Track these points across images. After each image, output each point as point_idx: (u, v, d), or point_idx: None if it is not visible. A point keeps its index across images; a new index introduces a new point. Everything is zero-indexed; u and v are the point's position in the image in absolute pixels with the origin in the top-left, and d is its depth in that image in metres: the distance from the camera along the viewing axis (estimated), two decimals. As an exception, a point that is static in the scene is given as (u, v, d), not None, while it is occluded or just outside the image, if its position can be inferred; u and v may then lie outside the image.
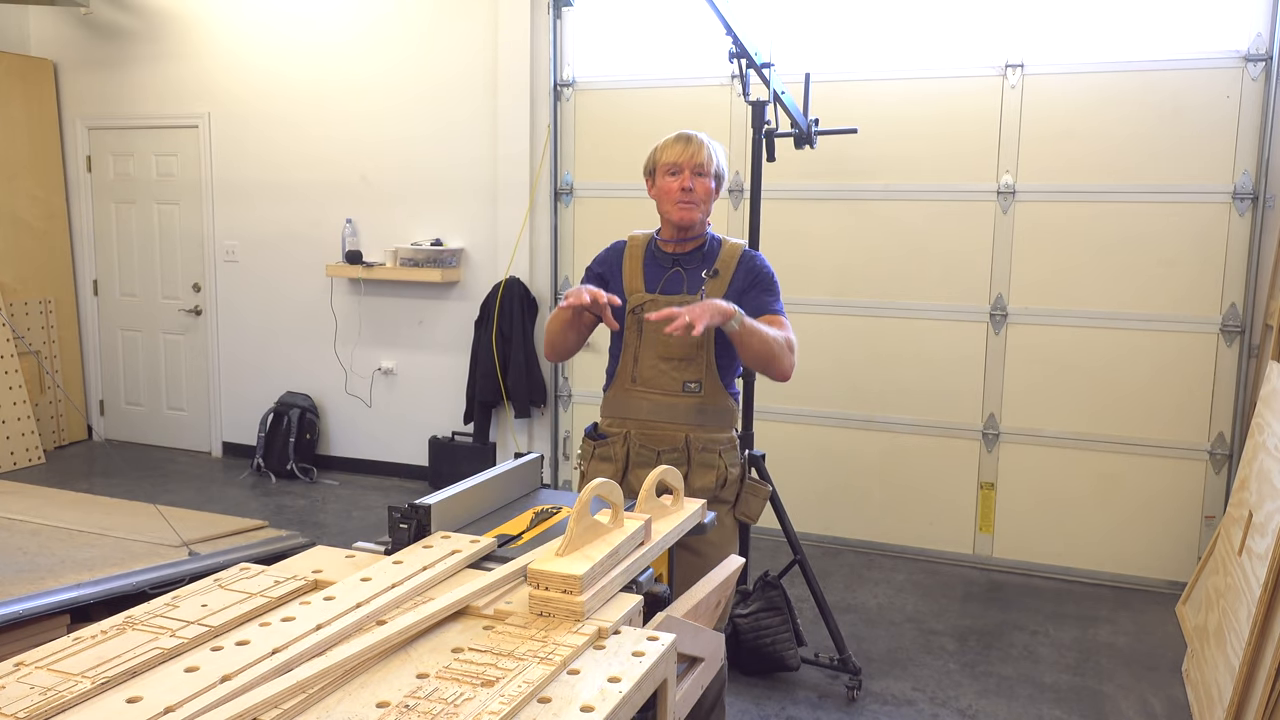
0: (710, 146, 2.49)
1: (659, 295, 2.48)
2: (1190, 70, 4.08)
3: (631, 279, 2.54)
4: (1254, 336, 4.08)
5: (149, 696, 1.18)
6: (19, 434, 5.89)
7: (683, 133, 2.51)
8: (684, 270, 2.51)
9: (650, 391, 2.50)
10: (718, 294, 2.45)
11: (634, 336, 2.51)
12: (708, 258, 2.52)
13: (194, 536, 3.56)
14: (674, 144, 2.49)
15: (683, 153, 2.46)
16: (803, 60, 4.37)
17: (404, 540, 1.77)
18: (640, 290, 2.51)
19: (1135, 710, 3.25)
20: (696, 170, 2.45)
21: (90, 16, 6.18)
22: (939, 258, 4.53)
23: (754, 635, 3.35)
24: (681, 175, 2.45)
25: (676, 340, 2.43)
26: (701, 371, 2.48)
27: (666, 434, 2.48)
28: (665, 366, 2.48)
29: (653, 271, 2.53)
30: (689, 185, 2.45)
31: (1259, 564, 2.85)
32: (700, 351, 2.47)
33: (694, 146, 2.46)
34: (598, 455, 2.54)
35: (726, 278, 2.49)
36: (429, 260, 5.47)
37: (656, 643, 1.39)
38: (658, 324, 2.35)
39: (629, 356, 2.52)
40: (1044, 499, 4.48)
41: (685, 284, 2.49)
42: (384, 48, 5.54)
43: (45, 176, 6.34)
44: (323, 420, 5.99)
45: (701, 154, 2.46)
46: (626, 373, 2.53)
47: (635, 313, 2.49)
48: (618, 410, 2.55)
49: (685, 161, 2.45)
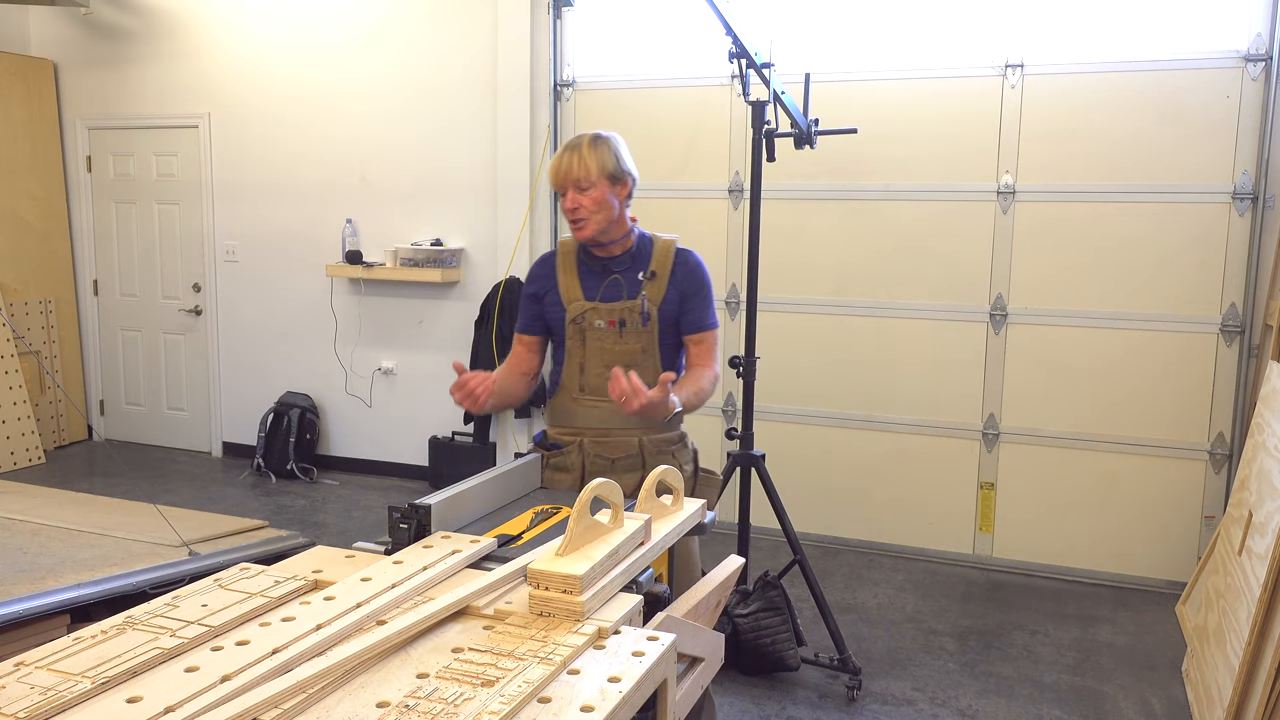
0: (596, 148, 2.38)
1: (600, 303, 2.46)
2: (1190, 70, 4.08)
3: (569, 289, 2.50)
4: (1254, 336, 4.08)
5: (149, 696, 1.17)
6: (19, 434, 5.89)
7: (567, 143, 2.41)
8: (620, 275, 2.48)
9: (600, 400, 2.47)
10: (657, 295, 2.45)
11: (578, 346, 2.49)
12: (639, 259, 2.49)
13: (194, 536, 3.56)
14: (555, 162, 2.40)
15: (558, 172, 2.38)
16: (803, 60, 4.38)
17: (404, 540, 1.77)
18: (580, 299, 2.48)
19: (1135, 710, 3.25)
20: (578, 186, 2.36)
21: (90, 16, 6.18)
22: (939, 258, 4.53)
23: (754, 635, 3.35)
24: (566, 195, 2.39)
25: (623, 348, 2.44)
26: (649, 375, 2.45)
27: (620, 441, 2.46)
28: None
29: (589, 279, 2.50)
30: (573, 205, 2.37)
31: (1259, 564, 2.85)
32: (646, 356, 2.46)
33: (569, 159, 2.37)
34: (552, 465, 2.50)
35: (664, 278, 2.47)
36: (429, 260, 5.47)
37: (656, 643, 1.39)
38: (602, 333, 2.42)
39: (574, 366, 2.50)
40: (1044, 499, 4.48)
41: (624, 289, 2.46)
42: (384, 48, 5.54)
43: (45, 176, 6.34)
44: (323, 420, 5.99)
45: (577, 168, 2.36)
46: (574, 382, 2.51)
47: (577, 322, 2.47)
48: (568, 420, 2.53)
49: (563, 181, 2.38)
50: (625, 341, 2.45)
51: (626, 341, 2.45)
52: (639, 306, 2.43)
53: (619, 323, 2.44)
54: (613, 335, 2.45)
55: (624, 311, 2.44)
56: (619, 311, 2.44)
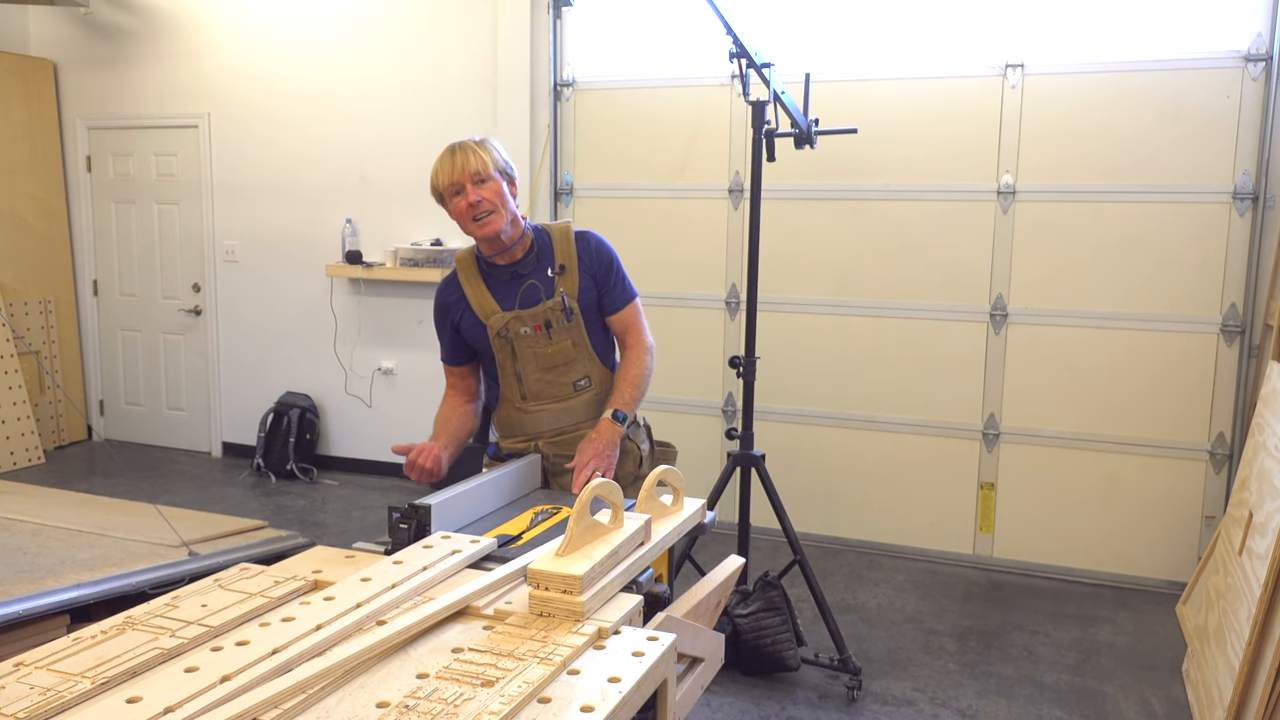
0: (483, 146, 2.37)
1: (522, 310, 2.42)
2: (1190, 70, 4.08)
3: (481, 303, 2.46)
4: (1254, 336, 4.08)
5: (149, 696, 1.17)
6: (19, 434, 5.89)
7: (450, 146, 2.38)
8: (531, 278, 2.44)
9: (545, 404, 2.47)
10: (573, 288, 2.44)
11: (508, 359, 2.46)
12: (543, 255, 2.46)
13: (194, 536, 3.56)
14: (442, 162, 2.36)
15: (453, 170, 2.33)
16: (803, 60, 4.37)
17: (404, 540, 1.77)
18: (497, 311, 2.44)
19: (1135, 710, 3.25)
20: (475, 179, 2.32)
21: (90, 16, 6.18)
22: (939, 257, 4.53)
23: (754, 635, 3.35)
24: (465, 192, 2.33)
25: (554, 349, 2.43)
26: (587, 366, 2.47)
27: (575, 437, 2.45)
28: (551, 376, 2.46)
29: (500, 289, 2.46)
30: (475, 198, 2.32)
31: (1259, 564, 2.85)
32: (578, 350, 2.46)
33: (461, 157, 2.34)
34: None
35: (573, 268, 2.45)
36: (429, 260, 5.47)
37: (656, 643, 1.39)
38: (530, 339, 2.41)
39: (510, 378, 2.48)
40: (1044, 499, 4.48)
41: (541, 291, 2.43)
42: (384, 48, 5.54)
43: (45, 176, 6.34)
44: (323, 420, 5.99)
45: (473, 161, 2.33)
46: (514, 393, 2.49)
47: (502, 335, 2.44)
48: (517, 429, 2.51)
49: (460, 177, 2.32)
50: (555, 342, 2.44)
51: (556, 341, 2.44)
52: (560, 304, 2.42)
53: (545, 325, 2.42)
54: (541, 339, 2.43)
55: (547, 313, 2.42)
56: (542, 314, 2.42)
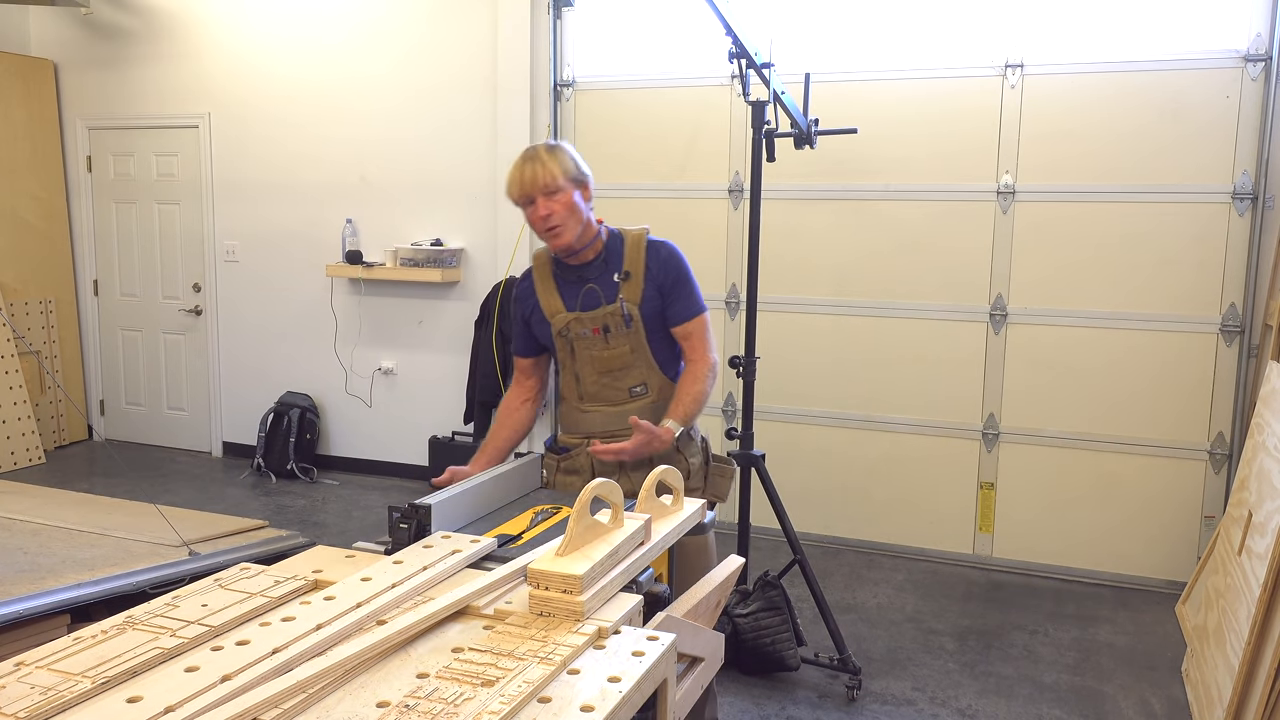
0: (554, 155, 2.39)
1: (581, 313, 2.48)
2: (1190, 70, 4.08)
3: (549, 302, 2.53)
4: (1254, 336, 4.08)
5: (149, 696, 1.17)
6: (19, 434, 5.89)
7: (523, 153, 2.41)
8: (594, 282, 2.48)
9: (600, 406, 2.52)
10: (635, 295, 2.46)
11: (568, 358, 2.53)
12: (611, 260, 2.50)
13: (194, 536, 3.56)
14: (514, 173, 2.40)
15: (523, 181, 2.37)
16: (803, 60, 4.37)
17: (404, 540, 1.77)
18: (561, 311, 2.51)
19: (1135, 710, 3.25)
20: (546, 192, 2.36)
21: (90, 16, 6.18)
22: (939, 258, 4.53)
23: (754, 635, 3.35)
24: (535, 204, 2.37)
25: (611, 353, 2.46)
26: (644, 374, 2.51)
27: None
28: (607, 379, 2.51)
29: (567, 289, 2.51)
30: (545, 212, 2.37)
31: (1259, 564, 2.85)
32: (636, 356, 2.49)
33: (531, 168, 2.37)
34: (563, 468, 2.55)
35: (639, 275, 2.47)
36: (429, 260, 5.47)
37: (656, 643, 1.39)
38: (589, 341, 2.44)
39: (570, 377, 2.55)
40: (1044, 499, 4.48)
41: (602, 296, 2.47)
42: (384, 48, 5.54)
43: (45, 176, 6.34)
44: (323, 420, 5.99)
45: (541, 174, 2.36)
46: (572, 392, 2.56)
47: (563, 335, 2.50)
48: (574, 427, 2.58)
49: (530, 189, 2.37)
50: (612, 346, 2.48)
51: (613, 346, 2.47)
52: (619, 310, 2.45)
53: (603, 329, 2.46)
54: (599, 342, 2.48)
55: (605, 317, 2.46)
56: (601, 318, 2.46)
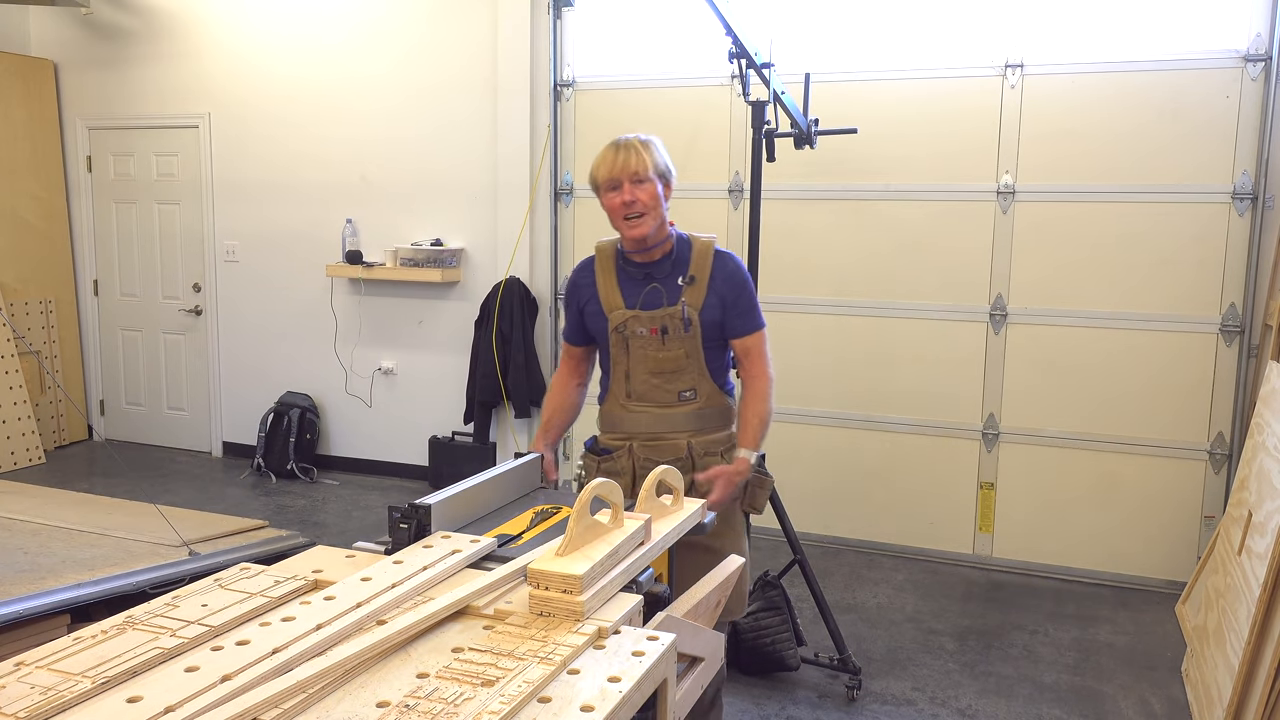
0: (646, 147, 2.38)
1: (640, 311, 2.45)
2: (1190, 70, 4.08)
3: (609, 296, 2.49)
4: (1254, 336, 4.08)
5: (149, 696, 1.18)
6: (19, 434, 5.89)
7: (614, 141, 2.40)
8: (659, 282, 2.46)
9: (648, 406, 2.49)
10: (697, 300, 2.44)
11: (622, 354, 2.49)
12: (678, 263, 2.47)
13: (194, 536, 3.56)
14: (606, 156, 2.38)
15: (614, 165, 2.35)
16: (803, 60, 4.37)
17: (404, 540, 1.77)
18: (620, 307, 2.48)
19: (1135, 710, 3.25)
20: (634, 179, 2.34)
21: (90, 16, 6.18)
22: (939, 258, 4.53)
23: (754, 635, 3.35)
24: (621, 189, 2.35)
25: (666, 355, 2.44)
26: (695, 379, 2.48)
27: (669, 444, 2.48)
28: (658, 380, 2.48)
29: (629, 286, 2.49)
30: (630, 198, 2.34)
31: (1259, 564, 2.85)
32: (690, 361, 2.47)
33: (624, 154, 2.35)
34: (603, 470, 2.53)
35: (703, 282, 2.45)
36: (429, 260, 5.47)
37: (656, 643, 1.39)
38: (645, 340, 2.43)
39: (620, 374, 2.51)
40: (1044, 499, 4.48)
41: (664, 296, 2.45)
42: (384, 48, 5.54)
43: (45, 176, 6.34)
44: (323, 420, 5.99)
45: (634, 161, 2.34)
46: (620, 389, 2.52)
47: (619, 331, 2.47)
48: (617, 425, 2.55)
49: (620, 174, 2.34)
50: (668, 349, 2.45)
51: (669, 348, 2.45)
52: (679, 313, 2.42)
53: (661, 330, 2.43)
54: (655, 343, 2.45)
55: (665, 319, 2.43)
56: (660, 319, 2.43)
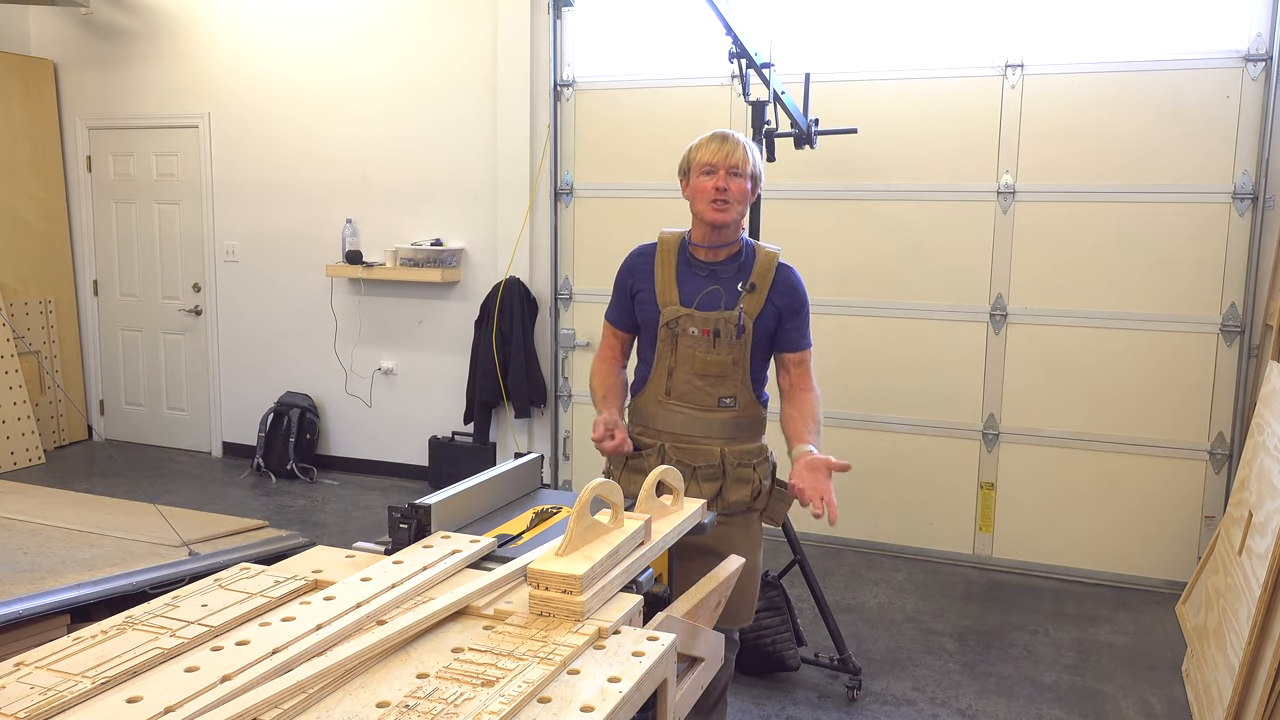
0: (747, 146, 2.40)
1: (696, 310, 2.41)
2: (1190, 70, 4.08)
3: (665, 290, 2.45)
4: (1254, 336, 4.08)
5: (149, 696, 1.18)
6: (19, 434, 5.89)
7: (719, 131, 2.43)
8: (720, 284, 2.43)
9: (685, 406, 2.45)
10: (754, 309, 2.40)
11: (668, 350, 2.44)
12: (744, 268, 2.44)
13: (194, 536, 3.56)
14: (709, 142, 2.40)
15: (718, 152, 2.37)
16: (803, 60, 4.37)
17: (404, 540, 1.77)
18: (675, 304, 2.43)
19: (1135, 710, 3.25)
20: (732, 170, 2.36)
21: (90, 16, 6.18)
22: (939, 257, 4.53)
23: (754, 635, 3.35)
24: (716, 175, 2.36)
25: (714, 359, 2.41)
26: (737, 387, 2.44)
27: (702, 449, 2.43)
28: (701, 383, 2.43)
29: (688, 282, 2.44)
30: (723, 185, 2.35)
31: (1259, 564, 2.85)
32: (736, 368, 2.43)
33: (730, 145, 2.37)
34: (630, 467, 2.48)
35: (764, 292, 2.42)
36: (429, 260, 5.47)
37: (656, 643, 1.39)
38: (695, 340, 2.40)
39: (663, 370, 2.46)
40: (1044, 499, 4.48)
41: (723, 299, 2.41)
42: (384, 48, 5.54)
43: (45, 176, 6.34)
44: (323, 420, 5.99)
45: (737, 153, 2.37)
46: (660, 385, 2.47)
47: (670, 327, 2.42)
48: (650, 422, 2.50)
49: (720, 161, 2.36)
50: (717, 352, 2.41)
51: (719, 352, 2.41)
52: (735, 319, 2.39)
53: (713, 333, 2.39)
54: (705, 344, 2.41)
55: (719, 322, 2.39)
56: (714, 321, 2.39)
